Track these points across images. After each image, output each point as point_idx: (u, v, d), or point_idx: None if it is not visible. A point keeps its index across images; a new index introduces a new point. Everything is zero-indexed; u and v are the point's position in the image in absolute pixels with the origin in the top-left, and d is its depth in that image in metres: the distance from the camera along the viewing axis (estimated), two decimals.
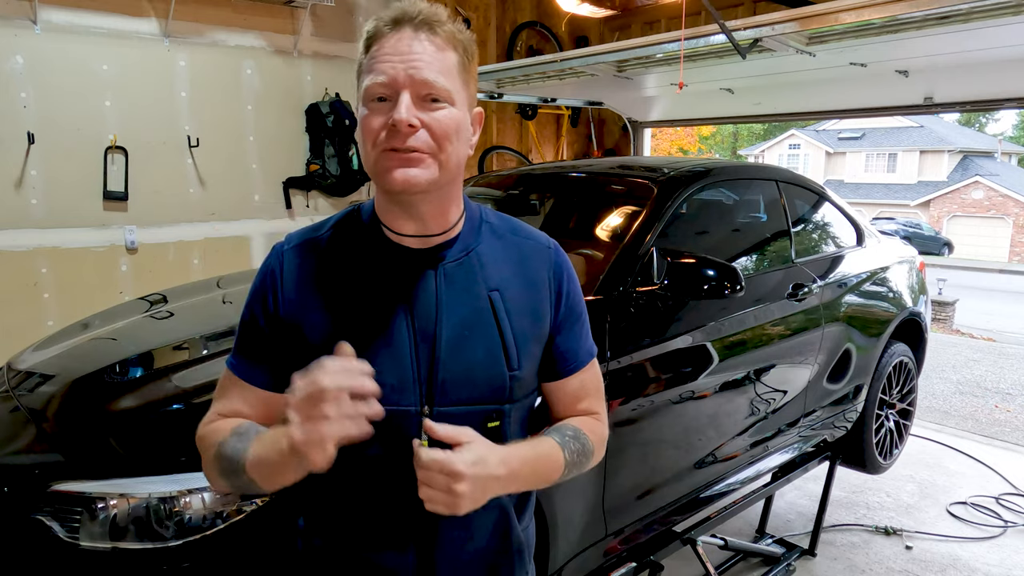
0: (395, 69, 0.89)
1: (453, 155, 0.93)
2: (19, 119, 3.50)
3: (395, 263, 0.98)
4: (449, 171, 0.94)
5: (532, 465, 0.96)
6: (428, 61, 0.90)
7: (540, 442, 1.00)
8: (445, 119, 0.91)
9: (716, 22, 3.01)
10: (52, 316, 3.68)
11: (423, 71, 0.89)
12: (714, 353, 2.25)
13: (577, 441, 1.03)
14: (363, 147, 0.93)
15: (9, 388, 1.91)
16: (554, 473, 1.00)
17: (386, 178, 0.91)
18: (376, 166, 0.92)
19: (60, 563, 1.38)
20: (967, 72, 3.56)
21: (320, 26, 4.52)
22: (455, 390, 0.96)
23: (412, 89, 0.89)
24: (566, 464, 1.00)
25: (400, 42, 0.90)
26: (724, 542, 2.74)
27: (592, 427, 1.09)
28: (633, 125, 5.89)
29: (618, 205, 2.49)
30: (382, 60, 0.90)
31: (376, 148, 0.91)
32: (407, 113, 0.88)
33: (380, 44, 0.91)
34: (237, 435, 0.94)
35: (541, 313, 1.03)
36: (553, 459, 0.99)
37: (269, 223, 4.41)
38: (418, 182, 0.91)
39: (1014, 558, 3.07)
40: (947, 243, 24.91)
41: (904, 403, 3.52)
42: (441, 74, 0.90)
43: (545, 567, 1.79)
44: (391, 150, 0.90)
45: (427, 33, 0.91)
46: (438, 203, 0.97)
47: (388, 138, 0.89)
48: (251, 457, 0.89)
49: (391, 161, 0.90)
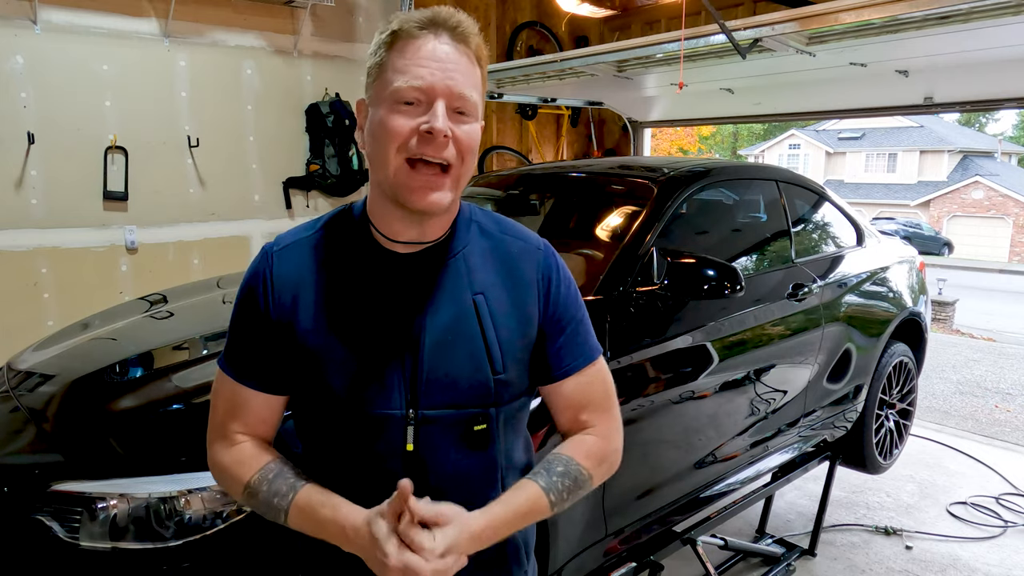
0: (434, 76, 0.88)
1: (469, 169, 0.94)
2: (19, 119, 3.50)
3: (382, 267, 0.98)
4: (462, 186, 0.95)
5: (510, 527, 0.96)
6: (464, 74, 0.90)
7: (522, 493, 0.98)
8: (471, 133, 0.92)
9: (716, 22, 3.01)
10: (52, 316, 3.68)
11: (461, 84, 0.89)
12: (714, 353, 2.25)
13: (567, 478, 1.00)
14: (379, 149, 0.92)
15: (9, 388, 1.91)
16: (536, 519, 1.00)
17: (410, 194, 0.91)
18: (396, 177, 0.91)
19: (60, 563, 1.38)
20: (967, 72, 3.56)
21: (320, 26, 4.51)
22: (440, 393, 0.96)
23: (448, 99, 0.89)
24: (551, 506, 0.99)
25: (438, 49, 0.89)
26: (724, 542, 2.74)
27: (590, 450, 1.05)
28: (633, 125, 5.89)
29: (618, 205, 2.49)
30: (419, 64, 0.89)
31: (400, 154, 0.90)
32: (444, 123, 0.88)
33: (413, 46, 0.90)
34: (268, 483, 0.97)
35: (529, 315, 1.02)
36: (535, 511, 0.98)
37: (269, 223, 4.41)
38: (442, 204, 0.92)
39: (1014, 558, 3.07)
40: (947, 243, 24.90)
41: (904, 403, 3.52)
42: (473, 89, 0.91)
43: (545, 567, 1.79)
44: (419, 161, 0.90)
45: (464, 45, 0.91)
46: (444, 216, 0.98)
47: (420, 145, 0.89)
48: (298, 524, 0.95)
49: (417, 179, 0.90)
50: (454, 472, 0.98)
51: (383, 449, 0.96)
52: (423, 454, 0.96)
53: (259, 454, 1.01)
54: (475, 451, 0.99)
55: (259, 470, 0.98)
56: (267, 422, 1.03)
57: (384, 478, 0.95)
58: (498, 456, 1.02)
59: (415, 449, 0.96)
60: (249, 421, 1.02)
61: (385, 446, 0.95)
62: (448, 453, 0.98)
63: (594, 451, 1.05)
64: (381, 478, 0.95)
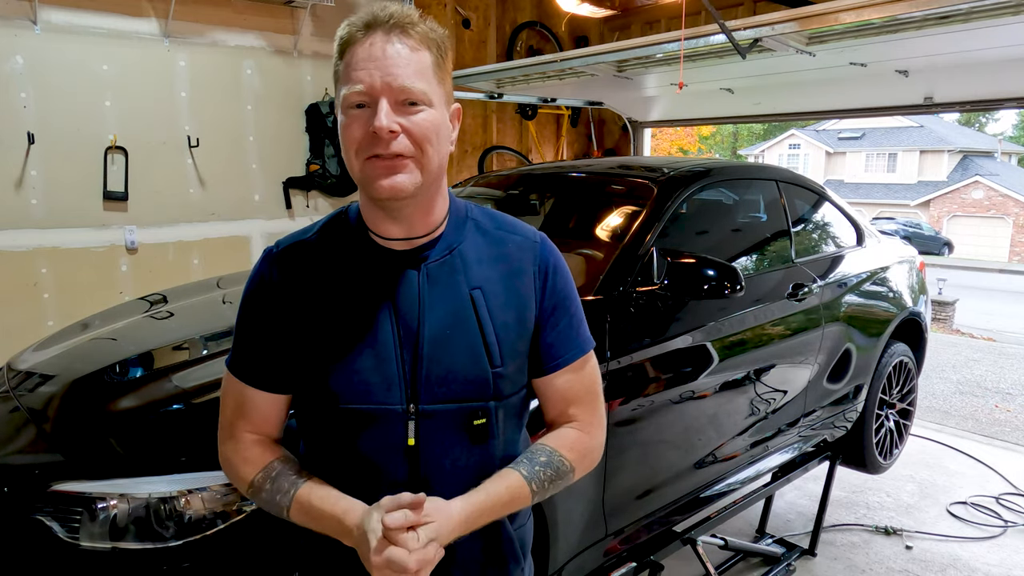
0: (371, 76, 0.89)
1: (435, 156, 0.94)
2: (19, 119, 3.50)
3: (380, 265, 0.99)
4: (431, 172, 0.95)
5: (491, 514, 0.98)
6: (403, 65, 0.90)
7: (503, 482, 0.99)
8: (424, 122, 0.92)
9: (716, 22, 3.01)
10: (52, 316, 3.68)
11: (399, 78, 0.90)
12: (714, 353, 2.25)
13: (549, 468, 1.02)
14: (345, 155, 0.94)
15: (9, 388, 1.91)
16: (518, 508, 1.03)
17: (372, 187, 0.92)
18: (361, 174, 0.93)
19: (60, 563, 1.38)
20: (967, 72, 3.56)
21: (320, 26, 4.51)
22: (439, 388, 0.97)
23: (390, 95, 0.90)
24: (533, 495, 1.01)
25: (373, 48, 0.90)
26: (724, 542, 2.74)
27: (573, 443, 1.06)
28: (633, 125, 5.89)
29: (618, 205, 2.49)
30: (357, 68, 0.90)
31: (359, 156, 0.92)
32: (387, 120, 0.89)
33: (354, 51, 0.91)
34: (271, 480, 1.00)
35: (526, 308, 1.03)
36: (516, 499, 1.00)
37: (269, 223, 4.41)
38: (404, 188, 0.92)
39: (1014, 558, 3.07)
40: (947, 243, 24.90)
41: (904, 403, 3.52)
42: (417, 77, 0.91)
43: (545, 567, 1.79)
44: (374, 157, 0.91)
45: (399, 36, 0.91)
46: (423, 205, 0.98)
47: (370, 145, 0.91)
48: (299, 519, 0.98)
49: (376, 170, 0.92)
50: (454, 466, 0.99)
51: (384, 444, 0.97)
52: (424, 449, 0.97)
53: (264, 452, 1.03)
54: (475, 445, 1.00)
55: (263, 468, 1.01)
56: (272, 421, 1.05)
57: (385, 473, 0.97)
58: (497, 450, 1.03)
59: (416, 444, 0.97)
60: (255, 420, 1.04)
61: (386, 441, 0.96)
62: (449, 447, 0.99)
63: (577, 444, 1.07)
64: (382, 473, 0.97)
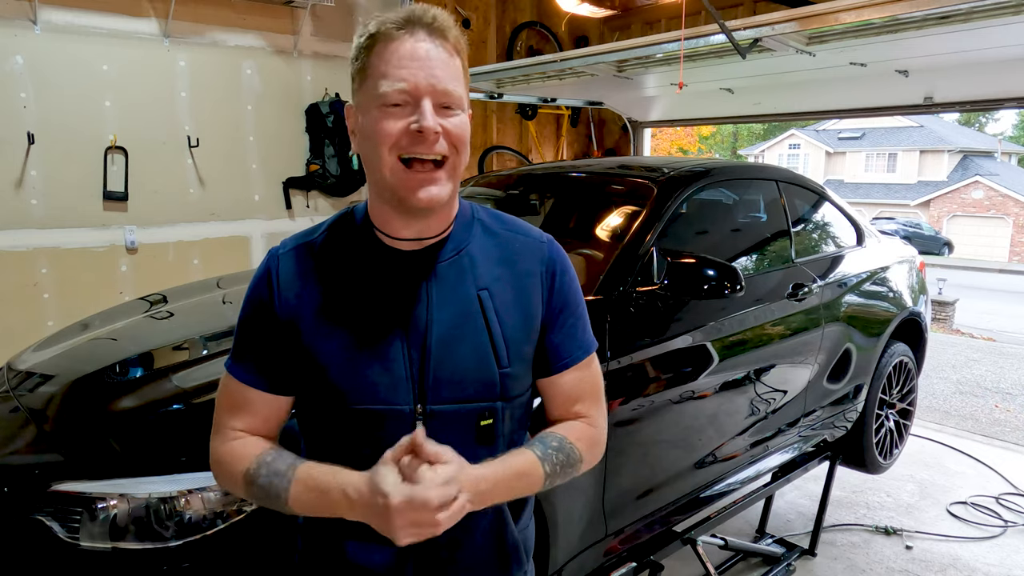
0: (416, 76, 0.89)
1: (464, 158, 0.96)
2: (19, 119, 3.50)
3: (388, 265, 0.99)
4: (459, 177, 0.97)
5: (506, 486, 0.96)
6: (444, 68, 0.91)
7: (519, 457, 0.98)
8: (460, 125, 0.93)
9: (716, 22, 3.01)
10: (52, 316, 3.68)
11: (443, 80, 0.91)
12: (714, 353, 2.25)
13: (560, 453, 1.02)
14: (373, 150, 0.93)
15: (9, 388, 1.91)
16: (531, 488, 1.00)
17: (409, 195, 0.92)
18: (393, 177, 0.92)
19: (60, 563, 1.38)
20: (967, 72, 3.57)
21: (320, 26, 4.52)
22: (447, 389, 0.97)
23: (433, 97, 0.90)
24: (546, 477, 0.99)
25: (417, 48, 0.90)
26: (724, 542, 2.74)
27: (581, 434, 1.06)
28: (633, 125, 5.90)
29: (618, 205, 2.49)
30: (400, 65, 0.90)
31: (392, 153, 0.91)
32: (433, 121, 0.90)
33: (392, 47, 0.91)
34: (267, 466, 0.96)
35: (533, 309, 1.03)
36: (531, 475, 0.98)
37: (269, 223, 4.41)
38: (440, 199, 0.93)
39: (1014, 558, 3.07)
40: (947, 243, 24.90)
41: (904, 403, 3.52)
42: (455, 81, 0.92)
43: (545, 567, 1.79)
44: (413, 160, 0.91)
45: (440, 40, 0.92)
46: (444, 211, 0.99)
47: (410, 144, 0.90)
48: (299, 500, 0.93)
49: (412, 180, 0.92)
50: None
51: (391, 444, 0.95)
52: None
53: (257, 443, 1.00)
54: (482, 446, 1.00)
55: (257, 456, 0.98)
56: (269, 422, 1.04)
57: None
58: (502, 451, 1.02)
59: None
60: (250, 420, 1.02)
61: (393, 441, 0.95)
62: (456, 448, 0.98)
63: (585, 435, 1.07)
64: None
